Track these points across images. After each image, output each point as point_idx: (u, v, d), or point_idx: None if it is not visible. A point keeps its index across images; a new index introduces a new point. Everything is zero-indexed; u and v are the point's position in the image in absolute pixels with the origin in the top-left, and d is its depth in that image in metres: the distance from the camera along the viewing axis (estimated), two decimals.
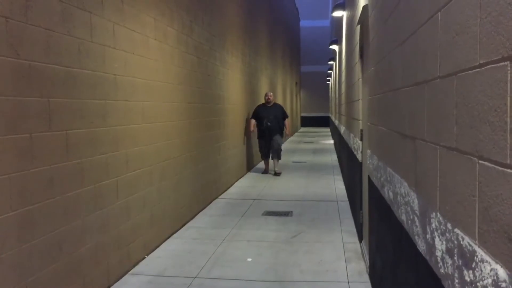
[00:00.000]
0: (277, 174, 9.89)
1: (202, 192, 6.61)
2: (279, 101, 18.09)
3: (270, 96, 9.98)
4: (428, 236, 1.69)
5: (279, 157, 10.01)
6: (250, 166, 10.62)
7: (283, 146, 16.77)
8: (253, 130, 10.09)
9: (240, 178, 9.48)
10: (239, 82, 9.55)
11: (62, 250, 3.12)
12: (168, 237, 5.18)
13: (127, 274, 4.08)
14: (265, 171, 10.22)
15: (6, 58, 2.58)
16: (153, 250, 4.72)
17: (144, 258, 4.49)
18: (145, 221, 4.55)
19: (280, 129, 9.98)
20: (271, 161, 10.77)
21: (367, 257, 4.16)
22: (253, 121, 10.07)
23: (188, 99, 5.95)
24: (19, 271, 2.68)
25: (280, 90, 18.34)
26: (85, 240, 3.42)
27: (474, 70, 1.23)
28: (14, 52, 2.64)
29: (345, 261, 4.39)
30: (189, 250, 4.76)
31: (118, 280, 3.94)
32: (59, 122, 3.08)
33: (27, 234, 2.75)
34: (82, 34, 3.37)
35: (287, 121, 10.20)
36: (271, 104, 10.01)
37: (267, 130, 9.85)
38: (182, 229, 5.60)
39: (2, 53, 2.54)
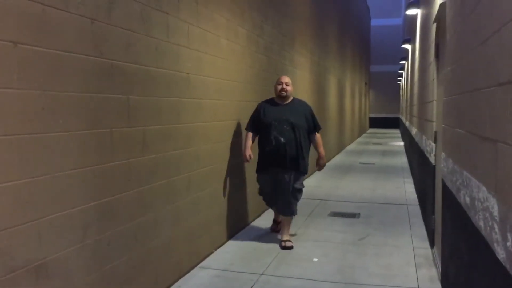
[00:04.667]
0: (286, 246, 4.76)
1: None
2: (347, 103, 17.72)
3: (287, 84, 4.94)
4: (508, 243, 1.61)
5: (292, 211, 4.88)
6: None
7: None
8: (249, 158, 4.96)
9: (306, 178, 9.45)
10: (307, 81, 9.52)
11: (137, 241, 3.27)
12: (235, 234, 5.27)
13: (196, 267, 4.21)
14: (275, 226, 5.35)
15: (91, 57, 2.74)
16: (220, 246, 4.83)
17: (212, 252, 4.60)
18: (214, 217, 4.66)
19: (302, 152, 4.84)
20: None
21: (439, 263, 4.02)
22: (250, 138, 5.01)
23: (258, 97, 6.02)
24: (98, 259, 2.85)
25: (348, 90, 18.06)
26: (158, 233, 3.56)
27: None
28: (98, 51, 2.80)
29: (415, 266, 4.26)
30: (255, 247, 4.82)
31: (187, 272, 4.07)
32: (137, 118, 3.23)
33: (106, 224, 2.91)
34: (159, 34, 3.51)
35: (319, 138, 5.09)
36: (288, 100, 5.00)
37: (277, 152, 4.78)
38: (248, 226, 5.67)
39: (87, 52, 2.71)
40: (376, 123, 34.35)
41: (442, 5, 4.05)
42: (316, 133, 5.07)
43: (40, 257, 2.37)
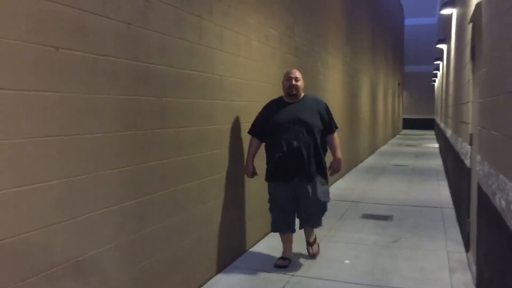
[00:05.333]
0: (312, 253, 4.54)
1: None
2: (380, 104, 17.48)
3: (296, 79, 4.30)
4: None
5: (318, 224, 4.41)
6: (350, 166, 10.47)
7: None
8: (252, 176, 4.46)
9: (338, 179, 9.40)
10: (339, 83, 9.46)
11: (171, 240, 3.34)
12: (266, 234, 5.30)
13: (228, 267, 4.25)
14: (283, 261, 4.29)
15: (127, 60, 2.82)
16: (252, 246, 4.86)
17: (244, 252, 4.64)
18: (245, 217, 4.70)
19: (319, 157, 4.26)
20: (295, 235, 4.49)
21: (474, 268, 3.94)
22: (253, 147, 4.42)
23: None
24: (133, 257, 2.92)
25: (381, 90, 17.84)
26: (191, 232, 3.63)
27: None
28: (133, 55, 2.88)
29: (449, 270, 4.19)
30: None
31: (219, 272, 4.12)
32: (171, 120, 3.30)
33: (141, 223, 2.99)
34: (192, 37, 3.57)
35: (336, 139, 4.43)
36: (299, 97, 4.36)
37: (290, 159, 4.17)
38: None
39: (124, 56, 2.79)
40: (410, 124, 33.76)
41: (478, 5, 3.97)
42: (333, 133, 4.39)
43: (78, 254, 2.46)
